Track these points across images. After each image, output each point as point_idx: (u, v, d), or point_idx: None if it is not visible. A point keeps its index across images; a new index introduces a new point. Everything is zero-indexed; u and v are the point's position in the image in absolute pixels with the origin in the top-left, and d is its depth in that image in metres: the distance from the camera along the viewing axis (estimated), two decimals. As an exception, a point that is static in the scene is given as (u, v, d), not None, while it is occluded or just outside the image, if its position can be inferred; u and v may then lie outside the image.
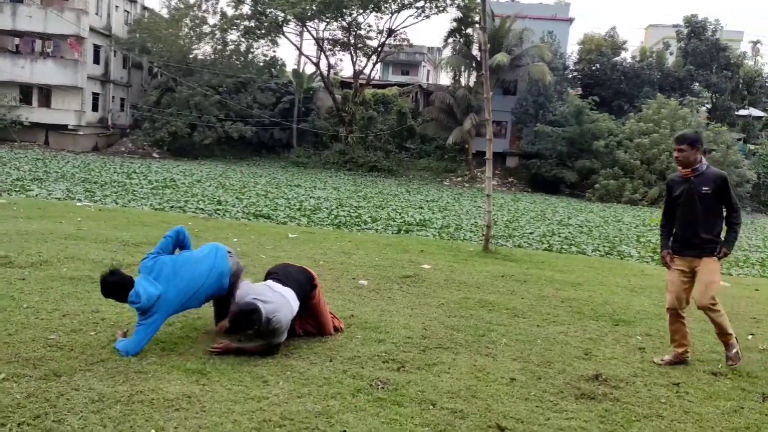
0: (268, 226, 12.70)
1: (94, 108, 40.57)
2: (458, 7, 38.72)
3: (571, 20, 44.63)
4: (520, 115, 40.57)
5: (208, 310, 5.07)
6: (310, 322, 4.93)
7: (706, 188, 4.86)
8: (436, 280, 7.51)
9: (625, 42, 44.52)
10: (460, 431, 3.47)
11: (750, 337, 6.00)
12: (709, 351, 5.40)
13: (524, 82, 40.34)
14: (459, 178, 39.38)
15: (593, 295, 7.40)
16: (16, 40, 39.83)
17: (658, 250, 14.88)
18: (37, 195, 15.60)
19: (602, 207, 30.93)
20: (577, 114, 37.60)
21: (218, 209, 15.92)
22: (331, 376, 4.12)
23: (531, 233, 19.04)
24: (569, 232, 19.73)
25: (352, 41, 41.31)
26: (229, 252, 4.71)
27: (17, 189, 16.41)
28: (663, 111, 36.05)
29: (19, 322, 4.63)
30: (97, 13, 40.01)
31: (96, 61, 40.38)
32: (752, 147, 38.65)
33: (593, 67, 43.63)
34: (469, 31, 41.90)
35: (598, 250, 16.55)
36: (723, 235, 4.98)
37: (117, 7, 42.58)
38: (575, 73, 44.85)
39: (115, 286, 4.12)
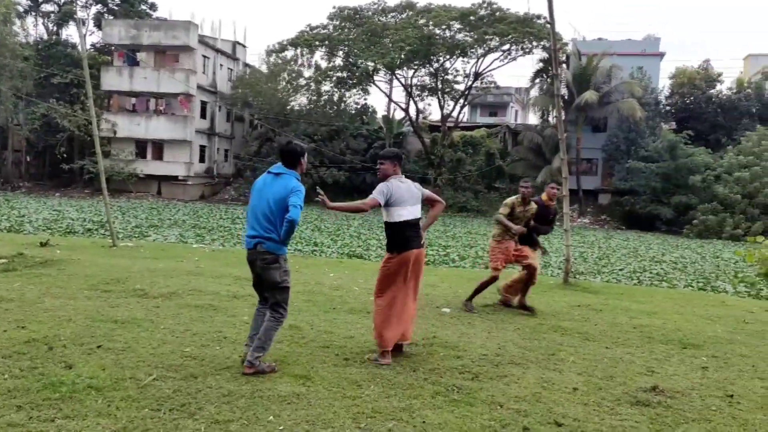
0: (360, 263, 13.64)
1: (201, 159, 43.80)
2: (544, 48, 39.27)
3: (661, 55, 44.03)
4: (611, 152, 40.21)
5: (309, 333, 5.95)
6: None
7: None
8: (514, 309, 8.09)
9: (720, 74, 43.33)
10: (522, 425, 4.09)
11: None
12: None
13: (614, 118, 40.08)
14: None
15: (666, 322, 7.72)
16: (133, 100, 43.90)
17: (757, 284, 14.58)
18: (154, 240, 17.34)
19: (700, 243, 29.95)
20: (671, 149, 36.86)
21: (315, 250, 17.07)
22: (414, 382, 4.84)
23: (621, 270, 19.01)
24: (662, 269, 19.48)
25: (440, 86, 42.62)
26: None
27: (137, 235, 18.27)
28: (764, 143, 34.77)
29: (160, 338, 5.66)
30: (203, 72, 43.55)
31: (203, 116, 43.79)
32: None
33: (686, 101, 42.69)
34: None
35: (691, 286, 16.31)
36: None
37: (221, 65, 46.16)
38: (668, 108, 43.97)
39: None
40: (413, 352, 5.71)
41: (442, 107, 43.34)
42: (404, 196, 5.53)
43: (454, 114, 43.67)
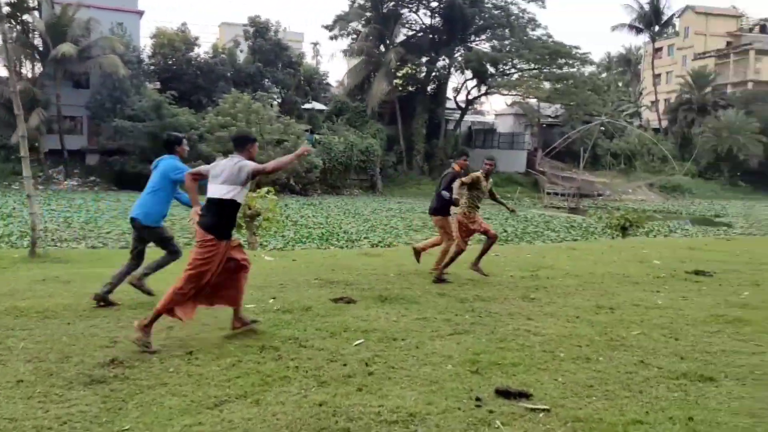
0: None
1: None
2: (6, -11, 34.49)
3: (141, 13, 43.80)
4: (96, 110, 38.48)
5: None
6: None
7: None
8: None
9: (197, 38, 45.75)
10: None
11: (271, 300, 6.96)
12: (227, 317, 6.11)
13: (97, 75, 38.32)
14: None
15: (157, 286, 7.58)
16: None
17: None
18: None
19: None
20: (157, 108, 37.38)
21: None
22: None
23: (109, 233, 18.49)
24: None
25: None
26: None
27: None
28: (238, 105, 38.26)
29: None
30: None
31: None
32: (317, 137, 43.72)
33: (169, 62, 43.78)
34: (27, 17, 37.94)
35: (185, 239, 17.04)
36: None
37: None
38: (152, 68, 44.33)
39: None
40: None
41: None
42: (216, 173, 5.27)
43: None
